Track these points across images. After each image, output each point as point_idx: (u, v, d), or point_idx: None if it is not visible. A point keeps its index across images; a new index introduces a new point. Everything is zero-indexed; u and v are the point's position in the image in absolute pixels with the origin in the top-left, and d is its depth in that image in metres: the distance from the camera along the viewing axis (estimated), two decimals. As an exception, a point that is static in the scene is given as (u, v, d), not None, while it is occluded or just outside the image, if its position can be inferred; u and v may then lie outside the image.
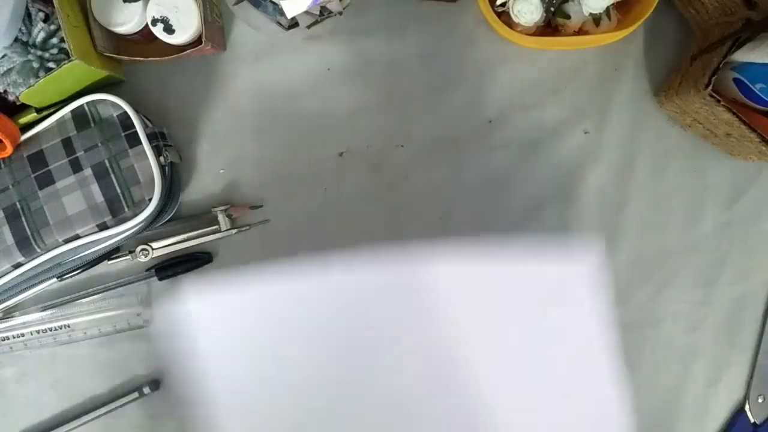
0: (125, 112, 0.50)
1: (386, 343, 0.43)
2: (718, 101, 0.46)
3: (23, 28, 0.47)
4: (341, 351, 0.43)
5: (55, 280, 0.54)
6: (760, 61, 0.46)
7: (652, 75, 0.56)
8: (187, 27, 0.49)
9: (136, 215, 0.49)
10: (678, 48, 0.55)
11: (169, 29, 0.50)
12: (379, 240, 0.56)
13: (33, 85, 0.47)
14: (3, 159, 0.50)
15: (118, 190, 0.49)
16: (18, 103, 0.49)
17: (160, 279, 0.56)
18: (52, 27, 0.47)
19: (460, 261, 0.41)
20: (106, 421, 0.56)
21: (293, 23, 0.52)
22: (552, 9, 0.49)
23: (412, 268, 0.41)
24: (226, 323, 0.44)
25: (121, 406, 0.56)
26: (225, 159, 0.56)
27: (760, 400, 0.56)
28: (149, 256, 0.55)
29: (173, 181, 0.53)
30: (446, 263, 0.41)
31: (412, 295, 0.42)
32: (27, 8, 0.47)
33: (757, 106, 0.49)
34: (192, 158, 0.56)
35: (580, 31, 0.51)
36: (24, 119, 0.51)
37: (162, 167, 0.50)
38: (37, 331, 0.56)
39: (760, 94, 0.47)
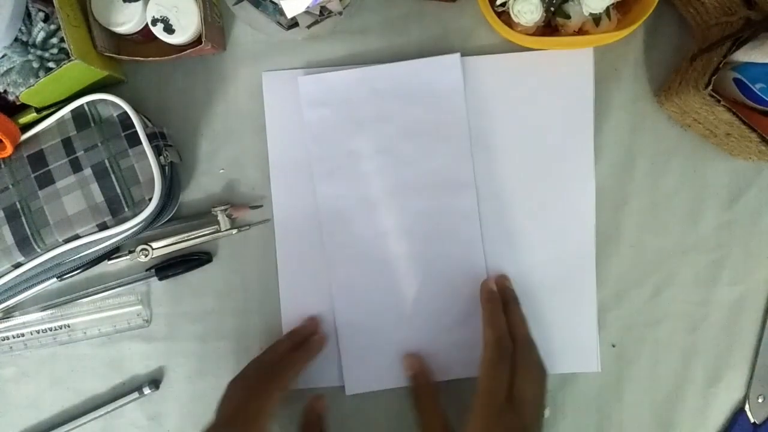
0: (125, 112, 0.50)
1: None
2: (718, 101, 0.46)
3: (23, 28, 0.47)
4: None
5: (55, 280, 0.54)
6: (760, 61, 0.46)
7: (652, 75, 0.56)
8: (187, 27, 0.50)
9: (136, 215, 0.49)
10: (678, 48, 0.55)
11: (169, 29, 0.50)
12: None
13: (33, 85, 0.47)
14: (3, 159, 0.50)
15: (118, 190, 0.49)
16: (18, 103, 0.49)
17: (160, 279, 0.56)
18: (52, 27, 0.47)
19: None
20: (106, 421, 0.57)
21: (293, 23, 0.52)
22: (552, 9, 0.49)
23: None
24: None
25: (121, 406, 0.56)
26: (225, 159, 0.56)
27: (760, 400, 0.56)
28: (149, 256, 0.55)
29: (173, 181, 0.53)
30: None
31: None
32: (27, 8, 0.47)
33: (757, 106, 0.48)
34: (192, 158, 0.56)
35: (580, 31, 0.51)
36: (24, 119, 0.51)
37: (162, 167, 0.50)
38: (37, 331, 0.56)
39: (760, 94, 0.47)
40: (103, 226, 0.50)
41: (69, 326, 0.56)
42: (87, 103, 0.51)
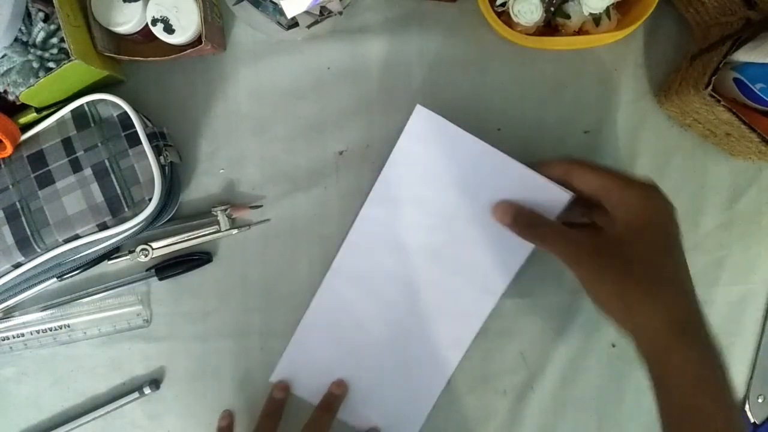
0: (125, 112, 0.50)
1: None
2: (718, 101, 0.46)
3: (23, 28, 0.47)
4: None
5: (55, 280, 0.54)
6: (760, 61, 0.46)
7: (652, 75, 0.56)
8: (187, 27, 0.50)
9: (136, 215, 0.49)
10: (678, 48, 0.55)
11: (169, 29, 0.50)
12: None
13: (33, 85, 0.47)
14: (3, 159, 0.50)
15: (118, 190, 0.49)
16: (18, 103, 0.49)
17: (160, 279, 0.56)
18: (52, 27, 0.47)
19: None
20: (106, 421, 0.57)
21: (293, 23, 0.52)
22: (552, 9, 0.49)
23: None
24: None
25: (121, 406, 0.56)
26: (225, 159, 0.56)
27: (760, 400, 0.56)
28: (149, 256, 0.55)
29: (173, 181, 0.53)
30: None
31: None
32: (27, 8, 0.47)
33: (757, 106, 0.49)
34: (192, 158, 0.56)
35: (580, 31, 0.51)
36: (24, 119, 0.51)
37: (162, 167, 0.50)
38: (37, 331, 0.56)
39: (760, 94, 0.47)
40: (103, 226, 0.50)
41: (69, 326, 0.56)
42: (87, 103, 0.51)
